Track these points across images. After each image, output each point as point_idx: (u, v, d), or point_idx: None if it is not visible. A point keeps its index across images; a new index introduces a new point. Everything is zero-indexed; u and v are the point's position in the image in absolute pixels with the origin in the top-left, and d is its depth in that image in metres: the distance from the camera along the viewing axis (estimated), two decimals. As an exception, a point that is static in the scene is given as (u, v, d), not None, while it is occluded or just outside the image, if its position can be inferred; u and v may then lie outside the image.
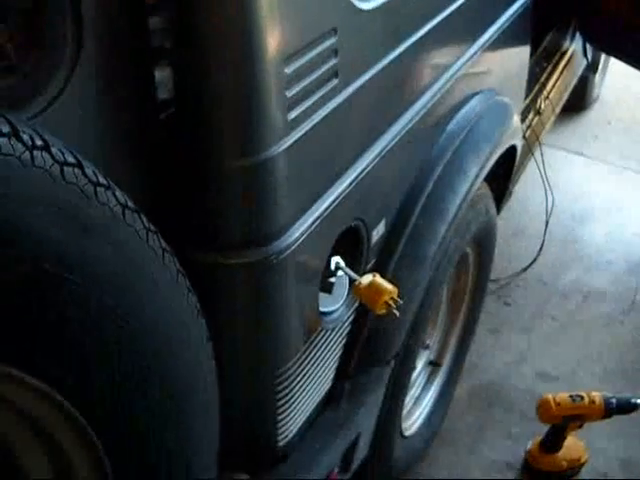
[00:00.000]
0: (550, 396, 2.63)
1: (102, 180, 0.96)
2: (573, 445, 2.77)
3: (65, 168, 0.91)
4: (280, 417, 1.66)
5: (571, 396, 2.63)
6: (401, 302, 1.65)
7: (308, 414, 1.80)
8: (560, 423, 2.66)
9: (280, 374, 1.59)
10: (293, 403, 1.68)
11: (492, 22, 2.35)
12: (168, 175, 1.33)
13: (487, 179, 2.37)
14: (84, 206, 0.93)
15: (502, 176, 2.75)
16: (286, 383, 1.61)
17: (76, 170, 0.92)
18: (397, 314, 1.65)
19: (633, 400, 2.66)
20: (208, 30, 1.22)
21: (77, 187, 0.92)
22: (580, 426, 2.68)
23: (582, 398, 2.62)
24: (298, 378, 1.66)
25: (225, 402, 1.37)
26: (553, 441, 2.73)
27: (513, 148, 2.61)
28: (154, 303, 1.05)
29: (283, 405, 1.64)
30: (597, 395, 2.63)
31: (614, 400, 2.64)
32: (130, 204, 1.01)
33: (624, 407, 2.65)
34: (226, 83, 1.26)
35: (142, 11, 1.19)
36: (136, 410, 1.06)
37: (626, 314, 3.48)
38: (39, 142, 0.90)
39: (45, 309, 0.91)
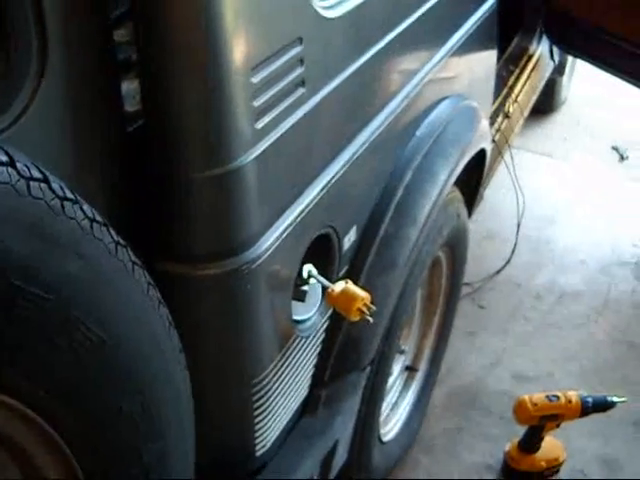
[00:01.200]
0: (527, 397, 2.64)
1: (69, 194, 0.96)
2: (551, 445, 2.78)
3: (31, 183, 0.91)
4: (257, 427, 1.66)
5: (547, 396, 2.64)
6: (374, 308, 1.66)
7: (285, 423, 1.80)
8: (537, 423, 2.66)
9: (256, 384, 1.58)
10: (270, 412, 1.68)
11: (458, 27, 2.36)
12: (137, 187, 1.33)
13: (457, 183, 2.38)
14: (51, 221, 0.93)
15: (472, 180, 2.77)
16: (262, 393, 1.61)
17: (42, 185, 0.92)
18: (371, 320, 1.65)
19: (609, 398, 2.67)
20: (173, 42, 1.22)
21: (44, 202, 0.92)
22: (557, 426, 2.70)
23: (558, 398, 2.64)
24: (274, 387, 1.66)
25: (201, 414, 1.37)
26: (531, 441, 2.74)
27: (482, 152, 2.63)
28: (125, 316, 1.04)
29: (260, 415, 1.64)
30: (573, 394, 2.65)
31: (590, 399, 2.65)
32: (98, 218, 1.00)
33: (600, 405, 2.67)
34: (193, 94, 1.26)
35: (107, 23, 1.19)
36: (110, 423, 1.06)
37: (600, 313, 3.50)
38: (4, 158, 0.90)
39: (13, 323, 0.90)
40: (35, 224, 0.91)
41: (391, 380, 2.58)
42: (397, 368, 2.68)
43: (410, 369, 2.75)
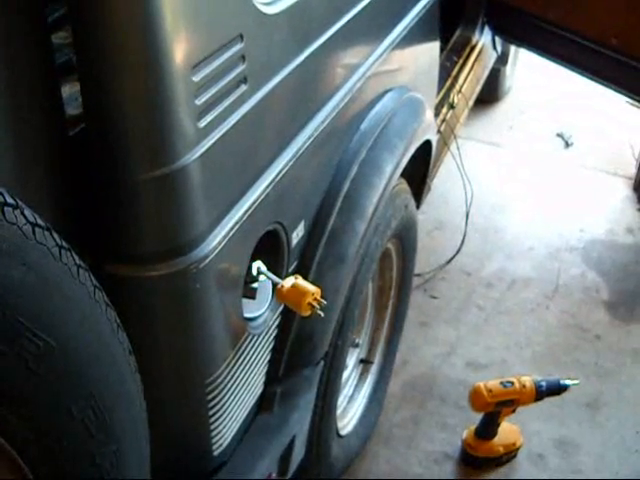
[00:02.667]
0: (481, 384, 2.68)
1: (9, 200, 0.95)
2: (508, 430, 2.82)
3: None
4: (213, 426, 1.66)
5: (502, 382, 2.68)
6: (325, 302, 1.66)
7: (241, 421, 1.80)
8: (493, 410, 2.70)
9: (209, 384, 1.58)
10: (225, 411, 1.67)
11: (400, 19, 2.37)
12: (82, 190, 1.32)
13: (404, 175, 2.39)
14: None
15: (419, 171, 2.79)
16: (216, 392, 1.61)
17: None
18: (322, 314, 1.65)
19: (562, 382, 2.72)
20: (111, 42, 1.20)
21: None
22: (513, 411, 2.73)
23: (513, 383, 2.67)
24: (228, 386, 1.65)
25: (156, 415, 1.36)
26: (488, 428, 2.77)
27: (428, 143, 2.64)
28: (72, 320, 1.03)
29: (215, 414, 1.64)
30: (527, 379, 2.69)
31: (544, 383, 2.69)
32: (40, 222, 0.99)
33: (554, 389, 2.71)
34: (134, 95, 1.25)
35: (44, 26, 1.18)
36: (62, 429, 1.05)
37: (551, 298, 3.55)
38: None
39: None
40: None
41: (346, 374, 2.59)
42: (352, 361, 2.69)
43: (365, 362, 2.77)
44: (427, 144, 2.63)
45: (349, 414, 2.68)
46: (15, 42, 1.11)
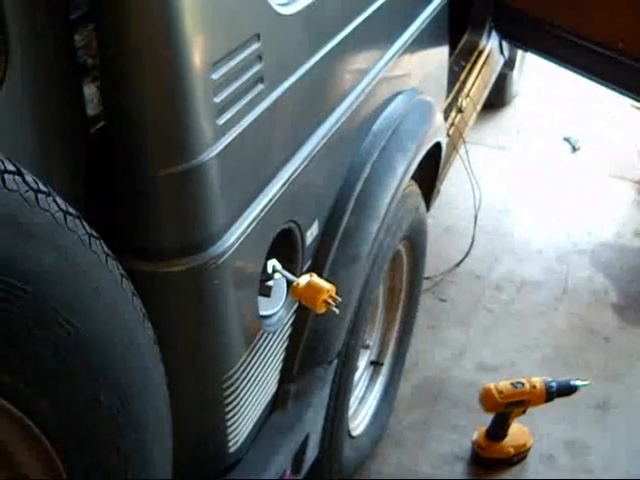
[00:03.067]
0: (492, 385, 2.68)
1: (42, 187, 0.97)
2: (518, 431, 2.83)
3: (6, 176, 0.91)
4: (229, 423, 1.67)
5: (512, 383, 2.68)
6: (340, 300, 1.67)
7: (256, 418, 1.81)
8: (504, 411, 2.71)
9: (226, 380, 1.59)
10: (241, 408, 1.69)
11: (411, 22, 2.39)
12: (103, 187, 1.34)
13: (415, 177, 2.41)
14: (27, 213, 0.93)
15: (429, 174, 2.80)
16: (232, 389, 1.62)
17: (17, 177, 0.93)
18: (337, 311, 1.67)
19: (573, 382, 2.73)
20: (133, 41, 1.23)
21: (18, 194, 0.92)
22: (523, 412, 2.74)
23: (523, 384, 2.68)
24: (244, 383, 1.67)
25: (173, 412, 1.37)
26: (498, 429, 2.78)
27: (438, 145, 2.66)
28: (101, 307, 1.05)
29: (231, 411, 1.65)
30: (538, 380, 2.70)
31: (554, 384, 2.70)
32: (71, 210, 1.01)
33: (564, 390, 2.72)
34: (154, 93, 1.27)
35: (67, 26, 1.20)
36: (89, 415, 1.06)
37: (559, 301, 3.56)
38: None
39: None
40: (10, 216, 0.91)
41: (357, 375, 2.60)
42: (362, 363, 2.70)
43: (375, 364, 2.78)
44: (437, 147, 2.65)
45: (360, 415, 2.69)
46: (41, 41, 1.13)
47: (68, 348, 0.99)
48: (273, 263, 1.68)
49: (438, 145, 2.66)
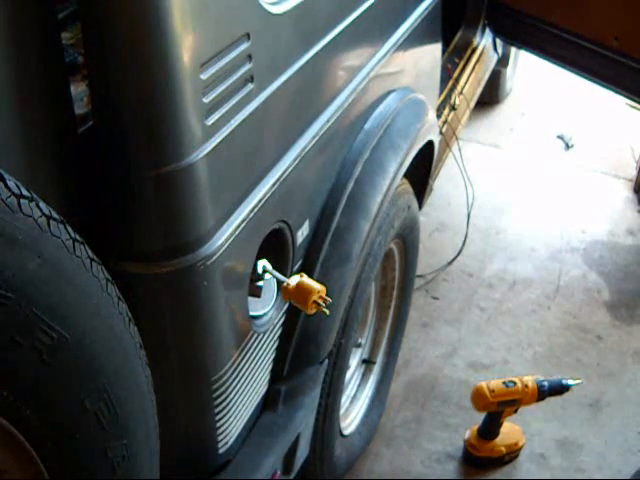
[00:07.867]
0: (484, 384, 2.68)
1: (25, 192, 0.96)
2: (510, 430, 2.83)
3: None
4: (219, 424, 1.66)
5: (504, 382, 2.68)
6: (330, 300, 1.67)
7: (247, 419, 1.80)
8: (495, 410, 2.71)
9: (215, 381, 1.59)
10: (231, 409, 1.68)
11: (403, 21, 2.38)
12: (90, 188, 1.32)
13: (407, 175, 2.40)
14: (9, 219, 0.92)
15: (422, 172, 2.80)
16: (222, 389, 1.61)
17: None
18: (327, 312, 1.66)
19: (564, 381, 2.72)
20: (120, 40, 1.21)
21: (0, 200, 0.91)
22: (515, 411, 2.74)
23: (515, 383, 2.68)
24: (234, 384, 1.66)
25: (163, 413, 1.37)
26: (490, 428, 2.78)
27: (430, 144, 2.65)
28: (85, 313, 1.04)
29: (221, 412, 1.65)
30: (530, 379, 2.70)
31: (546, 383, 2.70)
32: (55, 215, 1.00)
33: (556, 389, 2.72)
34: (142, 92, 1.26)
35: (54, 24, 1.19)
36: (75, 422, 1.05)
37: (552, 299, 3.56)
38: None
39: None
40: None
41: (349, 374, 2.60)
42: (354, 362, 2.70)
43: (367, 362, 2.78)
44: (429, 145, 2.64)
45: (352, 414, 2.69)
46: (28, 40, 1.12)
47: (52, 354, 0.98)
48: (263, 263, 1.67)
49: (431, 143, 2.65)
